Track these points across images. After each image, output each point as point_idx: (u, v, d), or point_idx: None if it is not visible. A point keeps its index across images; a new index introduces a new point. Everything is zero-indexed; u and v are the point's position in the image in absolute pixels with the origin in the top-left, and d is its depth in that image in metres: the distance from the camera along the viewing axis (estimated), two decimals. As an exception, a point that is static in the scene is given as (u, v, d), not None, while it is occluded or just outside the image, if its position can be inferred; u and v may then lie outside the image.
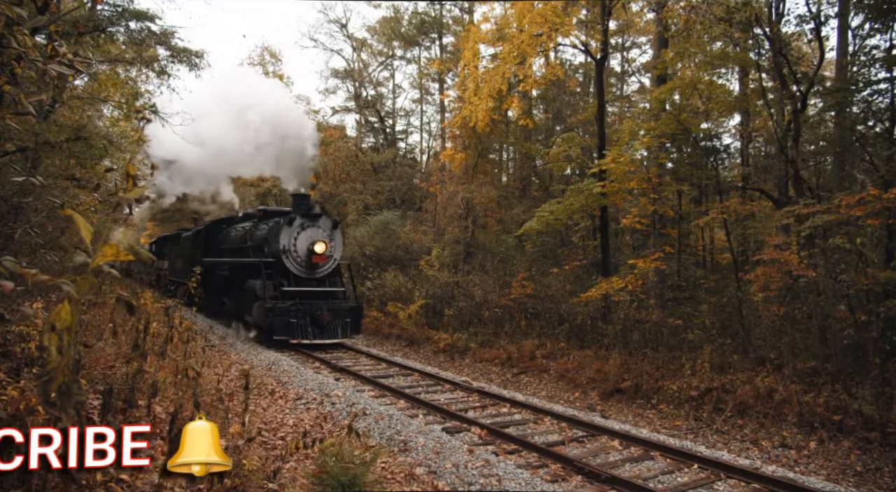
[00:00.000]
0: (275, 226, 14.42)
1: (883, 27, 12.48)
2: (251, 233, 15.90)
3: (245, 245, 15.88)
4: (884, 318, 9.08)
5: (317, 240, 14.16)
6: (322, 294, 14.34)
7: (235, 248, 16.75)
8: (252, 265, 14.62)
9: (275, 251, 14.01)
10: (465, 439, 7.19)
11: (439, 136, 27.71)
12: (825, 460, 7.33)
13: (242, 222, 17.93)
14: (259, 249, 14.73)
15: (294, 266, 14.05)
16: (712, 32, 14.32)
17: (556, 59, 21.84)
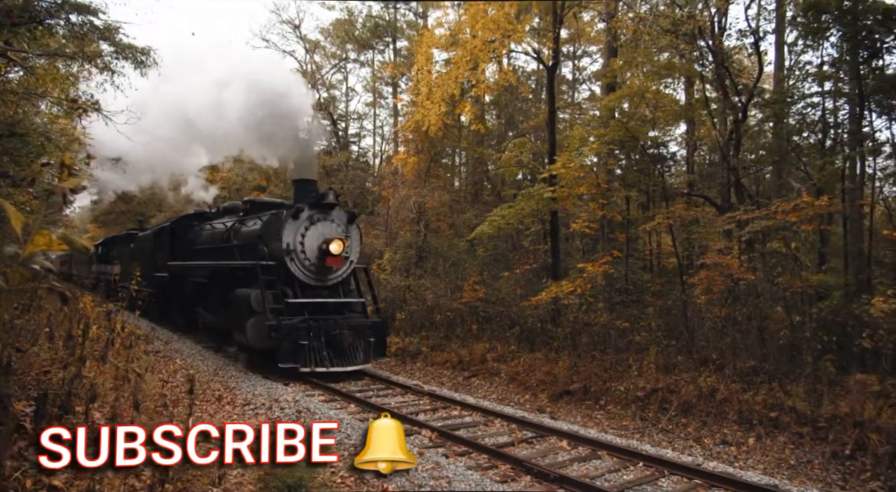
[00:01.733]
0: (273, 220, 11.72)
1: (814, 44, 13.11)
2: (236, 230, 13.19)
3: (228, 245, 13.05)
4: (816, 318, 9.52)
5: (332, 238, 11.36)
6: (336, 307, 11.57)
7: (214, 248, 14.00)
8: (243, 270, 11.77)
9: (274, 252, 11.23)
10: (415, 442, 7.18)
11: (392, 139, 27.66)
12: (762, 454, 7.62)
13: (221, 218, 15.32)
14: (249, 250, 11.87)
15: (301, 271, 11.30)
16: (659, 43, 14.77)
17: (508, 66, 22.11)
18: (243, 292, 11.28)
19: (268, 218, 12.01)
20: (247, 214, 13.56)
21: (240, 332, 11.25)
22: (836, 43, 12.54)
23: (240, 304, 11.32)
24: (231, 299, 11.87)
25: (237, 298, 11.50)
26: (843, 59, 12.51)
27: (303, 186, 11.98)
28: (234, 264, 12.27)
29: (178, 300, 16.08)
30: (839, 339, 9.41)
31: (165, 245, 16.79)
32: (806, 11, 11.77)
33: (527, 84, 22.68)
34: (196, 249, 15.29)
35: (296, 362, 10.30)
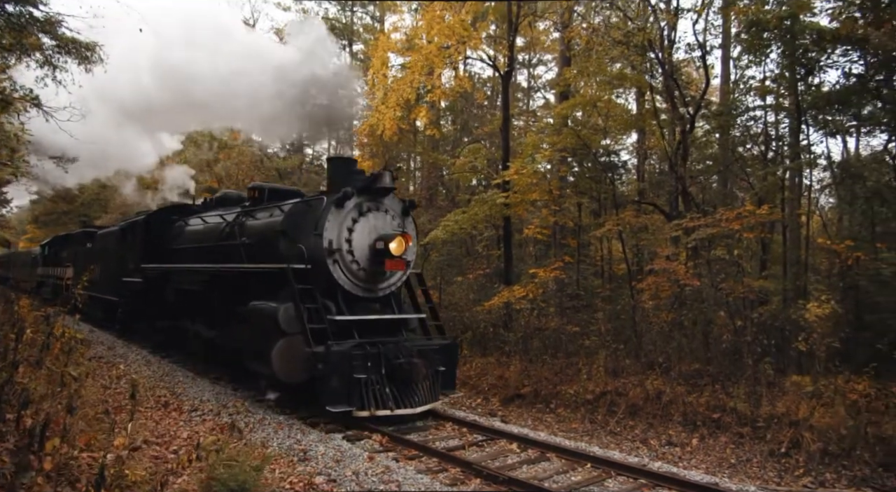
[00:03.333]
0: (303, 210, 8.99)
1: (757, 60, 13.67)
2: (241, 224, 10.28)
3: (230, 243, 10.29)
4: (756, 323, 9.88)
5: (389, 234, 8.68)
6: (391, 326, 8.93)
7: (208, 248, 11.21)
8: (258, 277, 9.13)
9: (309, 252, 8.39)
10: (366, 447, 7.13)
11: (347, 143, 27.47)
12: (705, 454, 7.85)
13: (214, 210, 12.42)
14: (264, 250, 9.24)
15: (347, 277, 8.54)
16: (611, 54, 15.13)
17: (464, 72, 22.28)
18: (264, 307, 8.37)
19: (293, 208, 9.16)
20: (254, 203, 10.65)
21: (259, 360, 8.34)
22: (777, 59, 13.12)
23: (259, 322, 8.40)
24: (242, 315, 9.01)
25: (254, 315, 8.58)
26: (783, 76, 13.09)
27: (342, 166, 9.21)
28: (248, 269, 9.35)
29: (156, 311, 13.43)
30: (777, 342, 9.80)
31: (138, 244, 13.97)
32: (749, 28, 12.25)
33: (482, 90, 22.89)
34: (180, 249, 12.66)
35: (349, 404, 7.48)
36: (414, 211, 9.67)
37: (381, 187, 8.87)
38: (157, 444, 6.51)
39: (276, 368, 7.90)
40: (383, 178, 8.84)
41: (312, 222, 8.58)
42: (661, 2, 14.61)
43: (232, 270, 9.90)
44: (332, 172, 9.52)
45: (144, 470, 4.28)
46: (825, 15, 12.68)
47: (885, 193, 12.27)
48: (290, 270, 8.10)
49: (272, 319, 8.06)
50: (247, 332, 8.84)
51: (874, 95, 11.73)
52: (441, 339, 9.19)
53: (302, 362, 7.76)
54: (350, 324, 8.28)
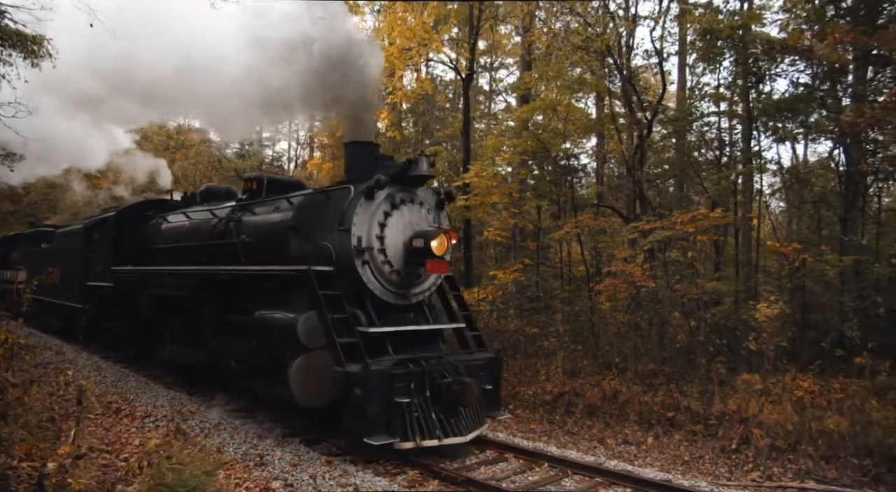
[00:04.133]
0: (320, 202, 7.67)
1: (711, 67, 14.07)
2: (237, 220, 8.90)
3: (224, 242, 8.89)
4: (710, 323, 10.15)
5: (431, 231, 7.41)
6: (428, 337, 7.67)
7: (196, 247, 9.75)
8: (267, 280, 7.75)
9: (338, 251, 7.06)
10: (322, 450, 7.06)
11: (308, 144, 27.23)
12: (659, 452, 8.01)
13: (200, 206, 11.11)
14: (269, 249, 7.93)
15: (379, 281, 7.26)
16: (571, 59, 15.36)
17: (426, 74, 22.31)
18: (277, 318, 7.10)
19: (306, 200, 7.91)
20: (251, 196, 9.34)
21: (270, 381, 7.14)
22: (730, 67, 13.54)
23: (271, 335, 7.16)
24: (244, 327, 7.78)
25: (264, 327, 7.26)
26: (736, 83, 13.50)
27: (362, 151, 7.79)
28: (257, 271, 7.85)
29: (130, 320, 11.86)
30: (729, 342, 10.09)
31: (107, 244, 12.50)
32: (703, 37, 12.60)
33: (444, 93, 22.95)
34: (159, 250, 11.16)
35: (390, 435, 6.18)
36: (450, 204, 8.31)
37: (418, 176, 7.47)
38: (107, 451, 6.33)
39: (295, 390, 6.58)
40: (420, 164, 7.39)
41: (335, 216, 7.21)
42: (620, 9, 14.91)
43: (233, 272, 8.24)
44: (350, 158, 7.98)
45: (91, 479, 4.16)
46: (775, 26, 13.17)
47: (831, 198, 12.76)
48: (312, 273, 6.68)
49: (289, 331, 6.70)
50: (253, 347, 7.40)
51: (820, 104, 12.19)
52: (482, 352, 7.84)
53: (326, 383, 6.44)
54: (383, 337, 6.97)
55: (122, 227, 12.36)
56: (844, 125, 10.96)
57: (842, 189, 12.10)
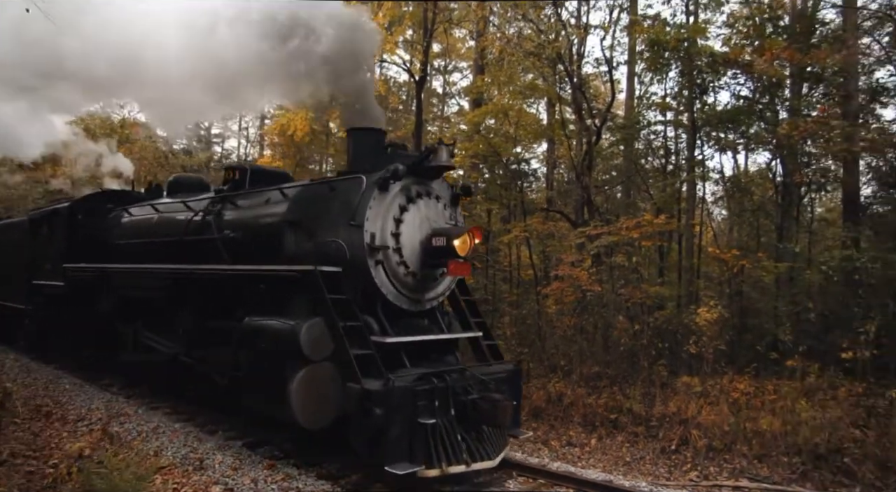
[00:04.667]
0: (320, 192, 6.90)
1: (658, 77, 14.49)
2: (218, 214, 8.01)
3: (201, 238, 8.02)
4: (653, 327, 10.41)
5: (453, 229, 6.72)
6: (445, 348, 6.92)
7: (168, 244, 8.72)
8: (259, 281, 6.76)
9: (350, 249, 6.22)
10: (265, 453, 6.92)
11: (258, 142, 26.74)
12: (603, 454, 8.17)
13: (169, 198, 10.14)
14: (263, 246, 7.10)
15: (393, 284, 6.44)
16: (524, 65, 15.55)
17: (380, 76, 22.22)
18: (275, 325, 6.05)
19: (304, 191, 7.12)
20: (234, 187, 8.25)
21: (266, 398, 6.11)
22: (676, 78, 13.97)
23: (265, 345, 6.11)
24: (233, 334, 6.67)
25: (260, 336, 6.18)
26: (682, 93, 13.93)
27: (368, 138, 7.00)
28: (252, 271, 6.80)
29: (85, 324, 10.73)
30: (671, 345, 10.39)
31: (58, 238, 11.37)
32: (650, 47, 12.95)
33: (397, 95, 22.90)
34: (122, 246, 10.12)
35: (413, 460, 5.33)
36: (466, 199, 7.60)
37: (437, 166, 6.65)
38: (34, 457, 6.05)
39: (297, 409, 5.58)
40: (440, 153, 6.57)
41: (343, 210, 6.38)
42: (572, 17, 15.19)
43: (220, 272, 7.21)
44: (355, 146, 7.12)
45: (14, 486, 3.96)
46: (719, 40, 13.64)
47: (768, 206, 13.30)
48: (319, 274, 5.84)
49: (290, 340, 5.67)
50: (243, 358, 6.38)
51: (759, 117, 12.71)
52: (500, 363, 6.99)
53: (332, 401, 5.64)
54: (399, 348, 6.20)
55: (76, 220, 11.15)
56: (781, 137, 11.45)
57: (778, 199, 12.63)
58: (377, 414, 5.19)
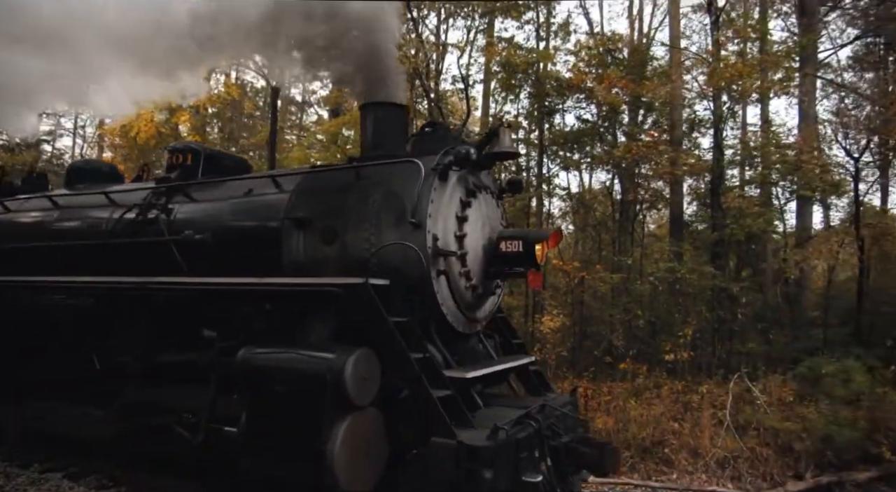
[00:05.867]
0: (346, 182, 5.21)
1: (511, 97, 15.27)
2: (165, 208, 6.20)
3: (145, 241, 6.11)
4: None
5: (532, 233, 5.76)
6: (501, 378, 5.74)
7: (83, 248, 6.51)
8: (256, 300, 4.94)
9: (397, 254, 4.68)
10: (92, 484, 6.31)
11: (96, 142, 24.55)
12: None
13: (72, 189, 7.76)
14: (251, 251, 5.50)
15: (454, 300, 5.03)
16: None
17: (236, 79, 21.36)
18: (296, 361, 4.34)
19: (318, 180, 5.53)
20: (183, 175, 6.50)
21: (290, 460, 4.31)
22: (527, 99, 14.80)
23: (286, 387, 4.33)
24: (213, 373, 4.95)
25: (272, 374, 4.38)
26: (532, 114, 14.78)
27: (389, 115, 5.64)
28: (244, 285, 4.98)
29: None
30: (519, 353, 10.87)
31: None
32: (503, 68, 13.62)
33: (253, 100, 22.13)
34: (16, 251, 7.19)
35: None
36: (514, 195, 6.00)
37: (502, 153, 5.39)
38: None
39: (342, 473, 4.04)
40: (503, 138, 5.24)
41: (387, 204, 4.88)
42: (431, 34, 15.57)
43: (201, 287, 5.20)
44: (373, 126, 5.64)
45: None
46: (566, 65, 14.66)
47: (609, 222, 14.43)
48: (368, 289, 4.31)
49: (327, 381, 4.06)
50: (244, 406, 4.54)
51: (600, 139, 13.80)
52: (552, 392, 5.85)
53: (380, 460, 4.30)
54: (469, 384, 4.78)
55: None
56: (617, 159, 12.51)
57: (616, 215, 13.76)
58: (486, 479, 3.87)
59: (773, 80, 13.02)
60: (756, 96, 14.72)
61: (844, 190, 13.58)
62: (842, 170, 13.61)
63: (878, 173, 16.19)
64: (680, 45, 14.79)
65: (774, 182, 13.44)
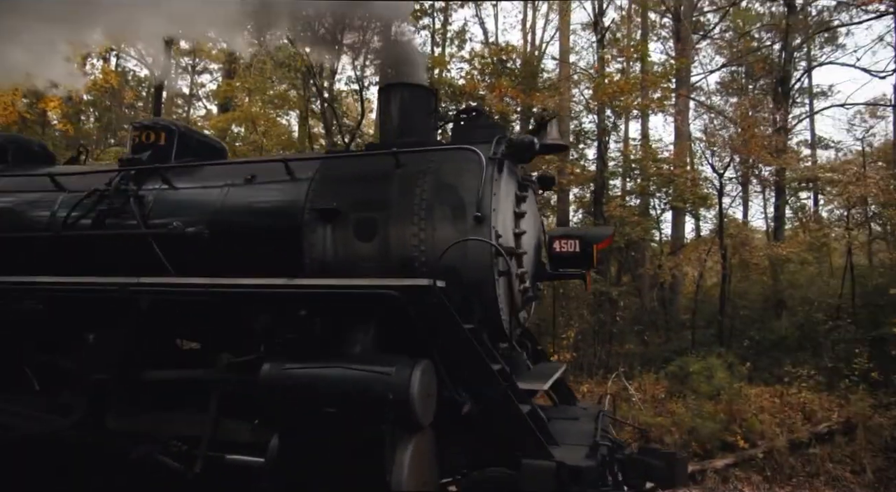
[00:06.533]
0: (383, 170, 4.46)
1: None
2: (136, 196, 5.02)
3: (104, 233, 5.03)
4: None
5: (591, 232, 5.44)
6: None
7: (25, 242, 5.32)
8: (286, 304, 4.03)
9: (464, 253, 4.06)
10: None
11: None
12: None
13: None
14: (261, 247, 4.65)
15: (510, 304, 4.47)
16: (277, 74, 15.23)
17: (116, 67, 19.97)
18: (347, 376, 3.59)
19: (341, 166, 4.80)
20: (155, 155, 5.42)
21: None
22: (422, 103, 14.89)
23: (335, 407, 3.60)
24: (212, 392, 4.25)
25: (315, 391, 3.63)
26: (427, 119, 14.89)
27: (416, 97, 5.09)
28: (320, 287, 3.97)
29: None
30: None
31: None
32: (398, 72, 13.63)
33: (135, 89, 20.81)
34: None
35: None
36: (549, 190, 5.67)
37: (550, 145, 5.08)
38: None
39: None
40: (551, 129, 5.03)
41: (440, 195, 4.29)
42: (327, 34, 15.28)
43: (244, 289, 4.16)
44: (400, 109, 5.02)
45: None
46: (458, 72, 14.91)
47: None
48: (438, 291, 3.73)
49: (393, 400, 3.46)
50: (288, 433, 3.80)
51: (492, 146, 14.13)
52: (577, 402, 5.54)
53: (434, 483, 3.85)
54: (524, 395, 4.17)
55: None
56: (508, 166, 12.85)
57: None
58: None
59: (652, 98, 13.98)
60: (636, 112, 15.71)
61: (711, 203, 14.75)
62: (710, 184, 14.78)
63: (740, 189, 17.77)
64: (569, 60, 15.49)
65: (652, 193, 14.36)
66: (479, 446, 3.79)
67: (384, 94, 5.14)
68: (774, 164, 13.23)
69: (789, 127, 16.04)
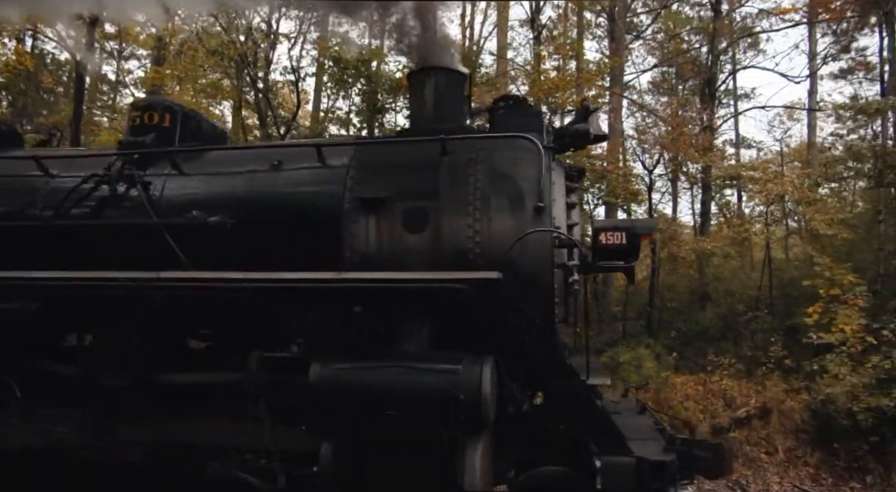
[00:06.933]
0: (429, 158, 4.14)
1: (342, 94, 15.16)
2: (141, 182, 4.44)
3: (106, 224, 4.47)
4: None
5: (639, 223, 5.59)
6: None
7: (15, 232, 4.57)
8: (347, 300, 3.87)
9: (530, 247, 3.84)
10: None
11: None
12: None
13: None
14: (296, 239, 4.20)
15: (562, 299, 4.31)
16: (209, 62, 14.74)
17: (34, 49, 18.86)
18: (401, 376, 3.44)
19: (382, 152, 4.53)
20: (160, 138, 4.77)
21: None
22: (358, 96, 14.76)
23: (403, 410, 3.44)
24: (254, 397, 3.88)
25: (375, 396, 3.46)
26: (363, 110, 14.76)
27: (451, 82, 4.74)
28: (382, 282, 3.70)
29: None
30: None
31: None
32: (335, 63, 13.46)
33: (54, 73, 19.73)
34: None
35: None
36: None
37: (599, 136, 4.78)
38: None
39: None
40: (595, 119, 4.67)
41: (494, 185, 4.04)
42: (263, 23, 14.94)
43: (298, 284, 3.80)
44: (434, 95, 4.68)
45: None
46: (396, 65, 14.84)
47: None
48: (505, 284, 3.53)
49: (465, 401, 3.31)
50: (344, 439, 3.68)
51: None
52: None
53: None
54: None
55: None
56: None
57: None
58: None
59: (587, 95, 14.28)
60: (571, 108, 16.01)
61: (642, 198, 15.23)
62: (641, 181, 15.26)
63: (670, 185, 18.43)
64: (507, 56, 15.65)
65: (585, 189, 14.69)
66: (533, 445, 3.70)
67: (417, 79, 4.81)
68: (701, 161, 13.77)
69: (715, 126, 16.74)
